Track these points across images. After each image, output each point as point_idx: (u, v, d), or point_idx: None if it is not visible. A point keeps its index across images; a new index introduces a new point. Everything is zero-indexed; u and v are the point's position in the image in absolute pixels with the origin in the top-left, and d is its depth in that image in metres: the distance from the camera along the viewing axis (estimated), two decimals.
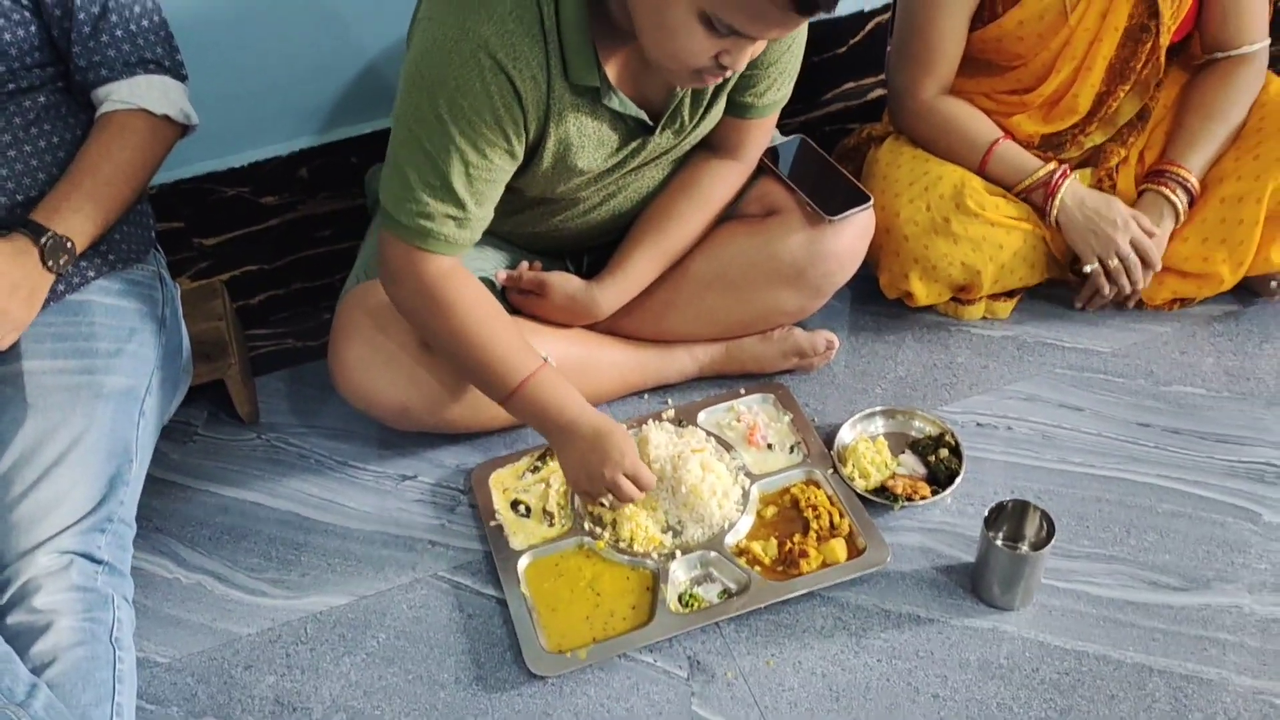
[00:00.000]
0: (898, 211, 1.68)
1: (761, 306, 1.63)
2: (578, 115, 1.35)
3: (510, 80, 1.25)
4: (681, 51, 1.20)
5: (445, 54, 1.23)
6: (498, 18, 1.22)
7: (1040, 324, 1.76)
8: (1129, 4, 1.65)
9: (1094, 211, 1.67)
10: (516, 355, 1.40)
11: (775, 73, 1.47)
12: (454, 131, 1.26)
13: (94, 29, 1.36)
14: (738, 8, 1.13)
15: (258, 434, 1.70)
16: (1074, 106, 1.72)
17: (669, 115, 1.42)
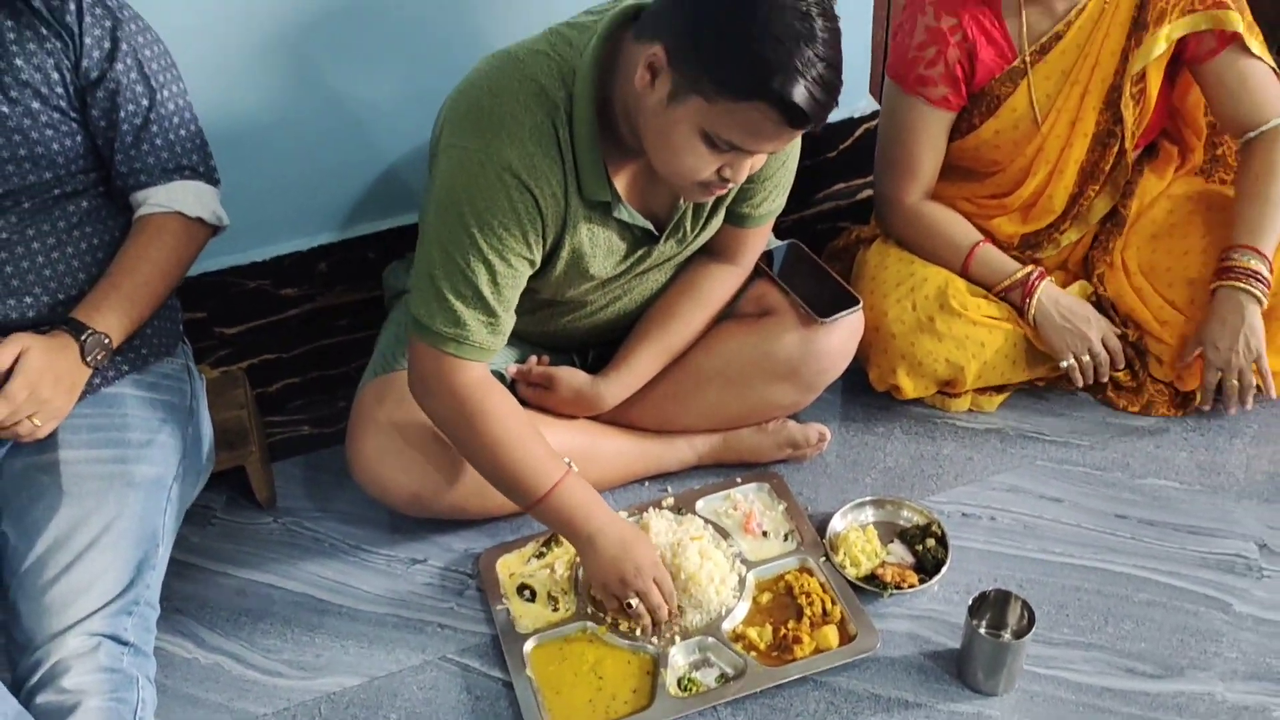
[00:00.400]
0: (885, 311, 1.78)
1: (757, 400, 1.72)
2: (590, 226, 1.45)
3: (533, 196, 1.36)
4: (686, 167, 1.30)
5: (473, 176, 1.34)
6: (518, 141, 1.33)
7: (1022, 418, 1.85)
8: (1095, 112, 1.77)
9: (1068, 310, 1.77)
10: (544, 463, 1.47)
11: (771, 186, 1.57)
12: (483, 245, 1.36)
13: (136, 139, 1.46)
14: (736, 126, 1.24)
15: (274, 518, 1.77)
16: (1050, 207, 1.84)
17: (673, 225, 1.53)
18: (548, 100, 1.34)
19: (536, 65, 1.36)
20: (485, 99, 1.36)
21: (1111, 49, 1.74)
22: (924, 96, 1.76)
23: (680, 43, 1.23)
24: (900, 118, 1.81)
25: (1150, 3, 1.70)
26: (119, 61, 1.43)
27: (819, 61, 1.20)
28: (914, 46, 1.75)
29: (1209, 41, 1.72)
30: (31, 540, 1.35)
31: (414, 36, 1.79)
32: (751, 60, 1.19)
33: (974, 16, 1.73)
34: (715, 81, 1.21)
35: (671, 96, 1.26)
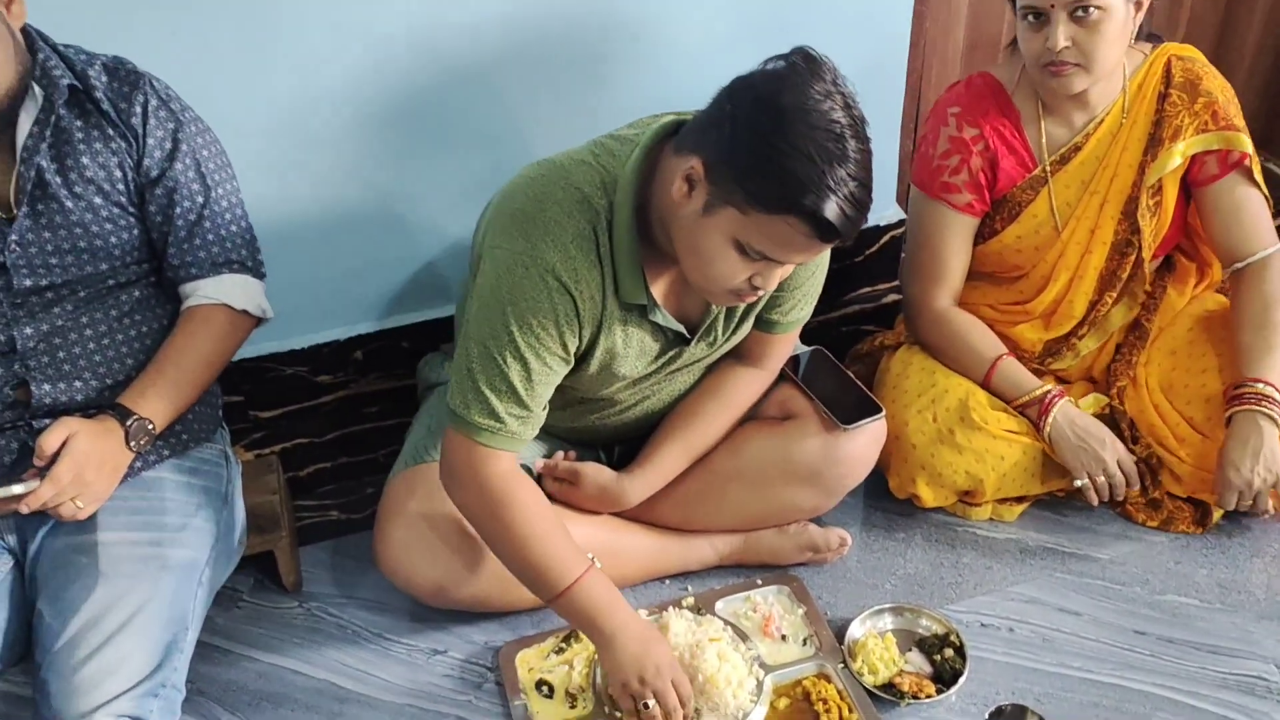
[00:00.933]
0: (906, 421, 1.81)
1: (779, 503, 1.74)
2: (625, 328, 1.50)
3: (573, 298, 1.41)
4: (718, 275, 1.35)
5: (517, 277, 1.40)
6: (561, 245, 1.39)
7: (1042, 528, 1.86)
8: (1114, 221, 1.82)
9: (1084, 431, 1.79)
10: (567, 557, 1.49)
11: (800, 295, 1.62)
12: (521, 342, 1.41)
13: (189, 233, 1.53)
14: (767, 237, 1.29)
15: (300, 603, 1.80)
16: (1070, 313, 1.88)
17: (705, 329, 1.57)
18: (590, 208, 1.40)
19: (580, 174, 1.42)
20: (530, 205, 1.42)
21: (1129, 161, 1.80)
22: (949, 202, 1.82)
23: (718, 157, 1.29)
24: (926, 223, 1.86)
25: (1166, 119, 1.76)
26: (178, 161, 1.50)
27: (850, 180, 1.25)
28: (938, 155, 1.82)
29: (1212, 166, 1.78)
30: (65, 619, 1.38)
31: (457, 139, 1.87)
32: (785, 176, 1.24)
33: (995, 127, 1.79)
34: (749, 194, 1.27)
35: (706, 207, 1.31)
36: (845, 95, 1.28)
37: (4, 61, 1.34)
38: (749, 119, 1.27)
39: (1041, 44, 1.66)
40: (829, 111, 1.25)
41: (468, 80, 1.83)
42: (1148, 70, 1.79)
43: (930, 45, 2.29)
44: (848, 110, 1.27)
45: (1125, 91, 1.79)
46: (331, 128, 1.79)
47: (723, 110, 1.30)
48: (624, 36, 1.87)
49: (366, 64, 1.75)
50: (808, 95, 1.25)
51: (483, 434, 1.45)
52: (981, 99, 1.81)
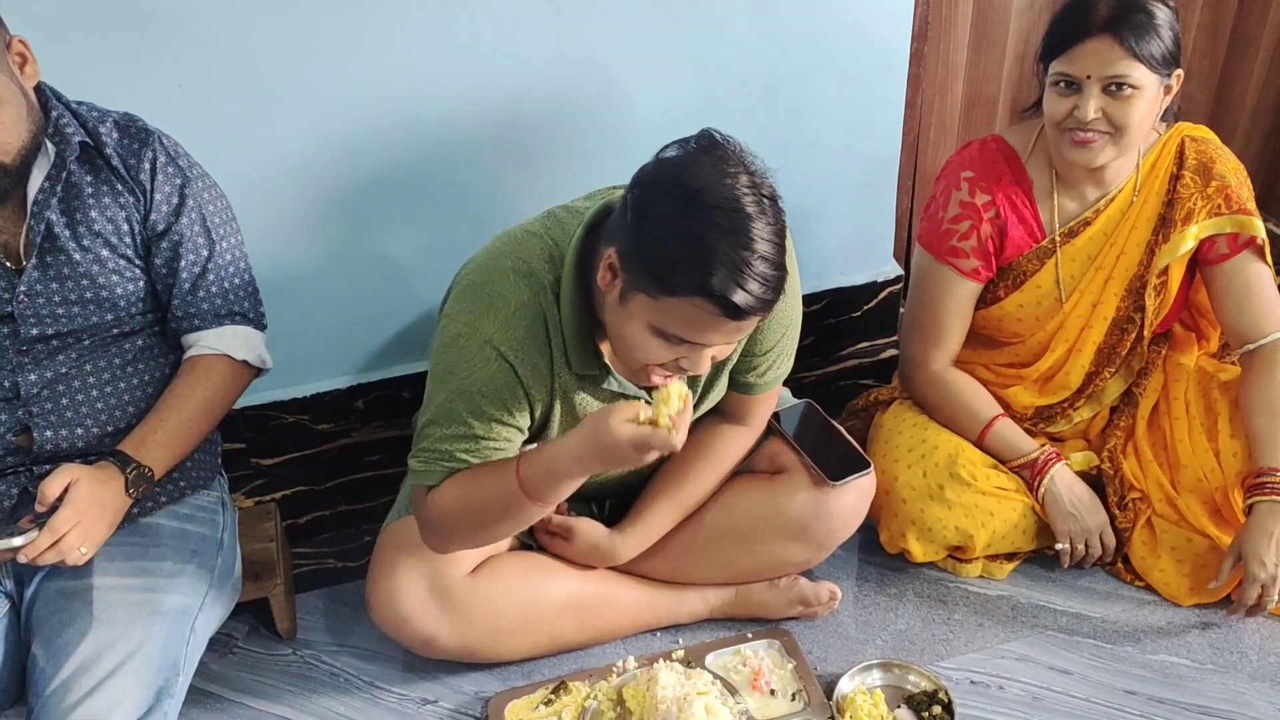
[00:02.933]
0: (896, 476, 1.82)
1: (769, 557, 1.75)
2: (581, 394, 1.51)
3: (513, 369, 1.43)
4: (643, 358, 1.35)
5: (459, 348, 1.43)
6: (502, 318, 1.42)
7: (1034, 585, 1.86)
8: (1118, 297, 1.83)
9: (1078, 500, 1.81)
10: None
11: (773, 357, 1.63)
12: (468, 415, 1.44)
13: (193, 286, 1.57)
14: (679, 320, 1.29)
15: (294, 650, 1.81)
16: (1066, 383, 1.89)
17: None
18: (536, 281, 1.43)
19: (529, 246, 1.45)
20: (480, 276, 1.46)
21: (1137, 240, 1.80)
22: (955, 267, 1.83)
23: (626, 245, 1.29)
24: (931, 285, 1.87)
25: (1179, 201, 1.77)
26: (184, 216, 1.54)
27: (756, 258, 1.23)
28: (948, 219, 1.82)
29: (1223, 246, 1.78)
30: (59, 663, 1.40)
31: (454, 192, 1.91)
32: (689, 260, 1.23)
33: (1007, 195, 1.80)
34: (655, 280, 1.26)
35: (622, 295, 1.32)
36: (751, 173, 1.27)
37: (18, 121, 1.39)
38: (651, 205, 1.27)
39: (1068, 109, 1.66)
40: (730, 189, 1.24)
41: (464, 139, 1.87)
42: (1161, 150, 1.80)
43: (927, 105, 2.33)
44: (754, 189, 1.26)
45: (1139, 170, 1.79)
46: (335, 181, 1.84)
47: (627, 198, 1.31)
48: (615, 101, 1.92)
49: (369, 120, 1.80)
50: (708, 175, 1.25)
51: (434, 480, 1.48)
52: (995, 165, 1.82)
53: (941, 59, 2.32)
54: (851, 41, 2.02)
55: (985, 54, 2.34)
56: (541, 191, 1.94)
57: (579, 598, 1.70)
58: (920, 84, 2.24)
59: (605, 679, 1.69)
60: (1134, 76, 1.63)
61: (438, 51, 1.77)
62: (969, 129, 2.42)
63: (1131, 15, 1.62)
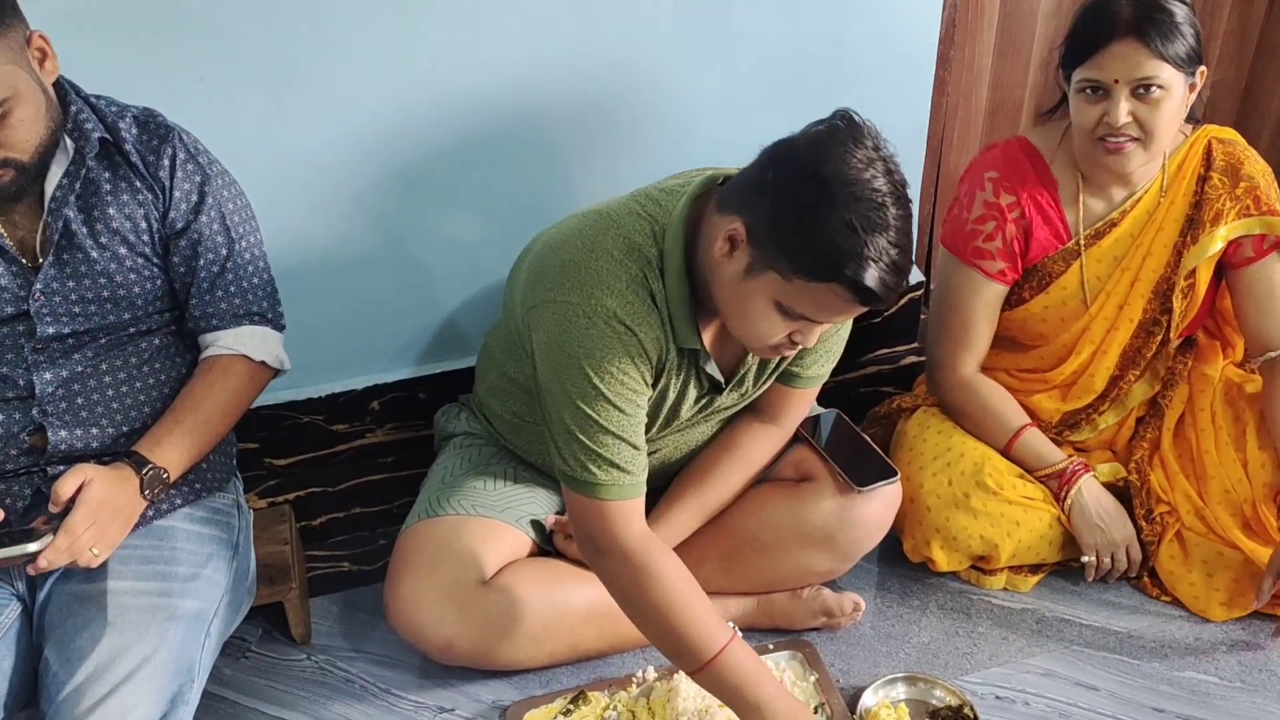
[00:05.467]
0: (921, 484, 1.79)
1: (792, 566, 1.73)
2: (678, 375, 1.51)
3: (639, 339, 1.41)
4: (760, 332, 1.37)
5: (582, 329, 1.39)
6: (618, 292, 1.39)
7: (1058, 599, 1.84)
8: (1144, 299, 1.81)
9: (1105, 512, 1.78)
10: (710, 627, 1.42)
11: (823, 350, 1.62)
12: (608, 392, 1.40)
13: (212, 285, 1.54)
14: (809, 302, 1.30)
15: (308, 655, 1.79)
16: (1090, 387, 1.86)
17: (738, 379, 1.57)
18: (641, 256, 1.41)
19: (629, 223, 1.43)
20: (581, 255, 1.42)
21: (1165, 241, 1.78)
22: (981, 269, 1.81)
23: (760, 224, 1.29)
24: (957, 288, 1.85)
25: (1207, 202, 1.75)
26: (204, 214, 1.51)
27: (891, 248, 1.26)
28: (972, 220, 1.80)
29: (1248, 249, 1.76)
30: (72, 668, 1.37)
31: (475, 192, 1.89)
32: (828, 248, 1.25)
33: (1032, 196, 1.78)
34: (792, 263, 1.28)
35: (749, 270, 1.32)
36: (886, 160, 1.28)
37: (36, 117, 1.37)
38: (791, 188, 1.27)
39: (1098, 117, 1.65)
40: (871, 180, 1.25)
41: (486, 138, 1.85)
42: (1188, 151, 1.78)
43: (951, 109, 2.30)
44: (889, 176, 1.27)
45: (1165, 171, 1.77)
46: (355, 180, 1.81)
47: (764, 176, 1.31)
48: (640, 102, 1.89)
49: (391, 117, 1.78)
50: (850, 163, 1.25)
51: (608, 490, 1.42)
52: (1019, 165, 1.80)
53: (967, 63, 2.29)
54: (878, 45, 2.00)
55: (1010, 59, 2.32)
56: (562, 191, 1.92)
57: (600, 605, 1.66)
58: (945, 88, 2.21)
59: (625, 689, 1.66)
60: (1161, 77, 1.60)
61: (463, 47, 1.75)
62: (993, 134, 2.39)
63: (1154, 15, 1.60)
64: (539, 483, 1.73)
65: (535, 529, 1.70)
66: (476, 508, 1.68)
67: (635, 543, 1.44)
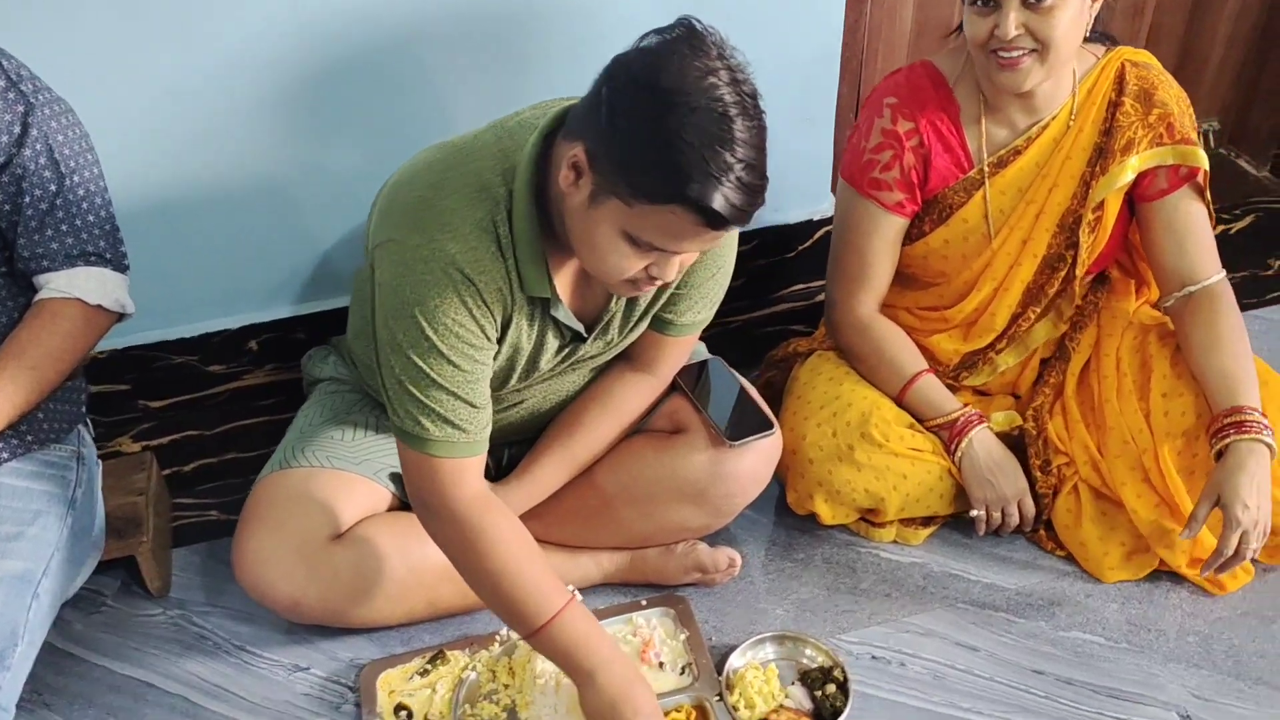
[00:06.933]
0: (804, 435, 1.71)
1: (665, 521, 1.65)
2: (530, 324, 1.41)
3: (478, 291, 1.31)
4: (611, 266, 1.26)
5: (419, 274, 1.29)
6: (461, 236, 1.29)
7: (949, 553, 1.76)
8: (1049, 234, 1.70)
9: (996, 464, 1.70)
10: (545, 591, 1.37)
11: (698, 295, 1.52)
12: (442, 345, 1.31)
13: (40, 223, 1.43)
14: (655, 228, 1.20)
15: (164, 609, 1.72)
16: (991, 325, 1.77)
17: (602, 327, 1.48)
18: (489, 196, 1.31)
19: (479, 160, 1.33)
20: (428, 192, 1.32)
21: (1072, 172, 1.67)
22: (878, 201, 1.71)
23: (597, 145, 1.19)
24: (854, 222, 1.75)
25: (1118, 129, 1.64)
26: (27, 148, 1.40)
27: (738, 164, 1.15)
28: (869, 149, 1.70)
29: (1162, 180, 1.65)
30: None
31: (351, 122, 1.77)
32: (666, 165, 1.14)
33: (931, 122, 1.67)
34: (631, 185, 1.17)
35: (592, 197, 1.22)
36: (732, 69, 1.17)
37: None
38: (626, 104, 1.17)
39: (989, 30, 1.52)
40: (711, 89, 1.14)
41: (363, 61, 1.73)
42: (1099, 74, 1.66)
43: (874, 30, 2.16)
44: (734, 86, 1.16)
45: (1075, 95, 1.66)
46: (219, 109, 1.69)
47: (599, 94, 1.20)
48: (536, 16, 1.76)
49: (255, 42, 1.65)
50: (688, 73, 1.14)
51: (440, 447, 1.34)
52: (920, 90, 1.68)
53: None
54: None
55: None
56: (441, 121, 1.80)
57: None
58: (863, 7, 2.08)
59: (486, 648, 1.60)
60: None
61: None
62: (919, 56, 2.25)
63: None
64: None
65: (396, 482, 1.62)
66: (332, 459, 1.59)
67: (467, 503, 1.36)
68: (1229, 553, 1.53)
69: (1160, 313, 1.77)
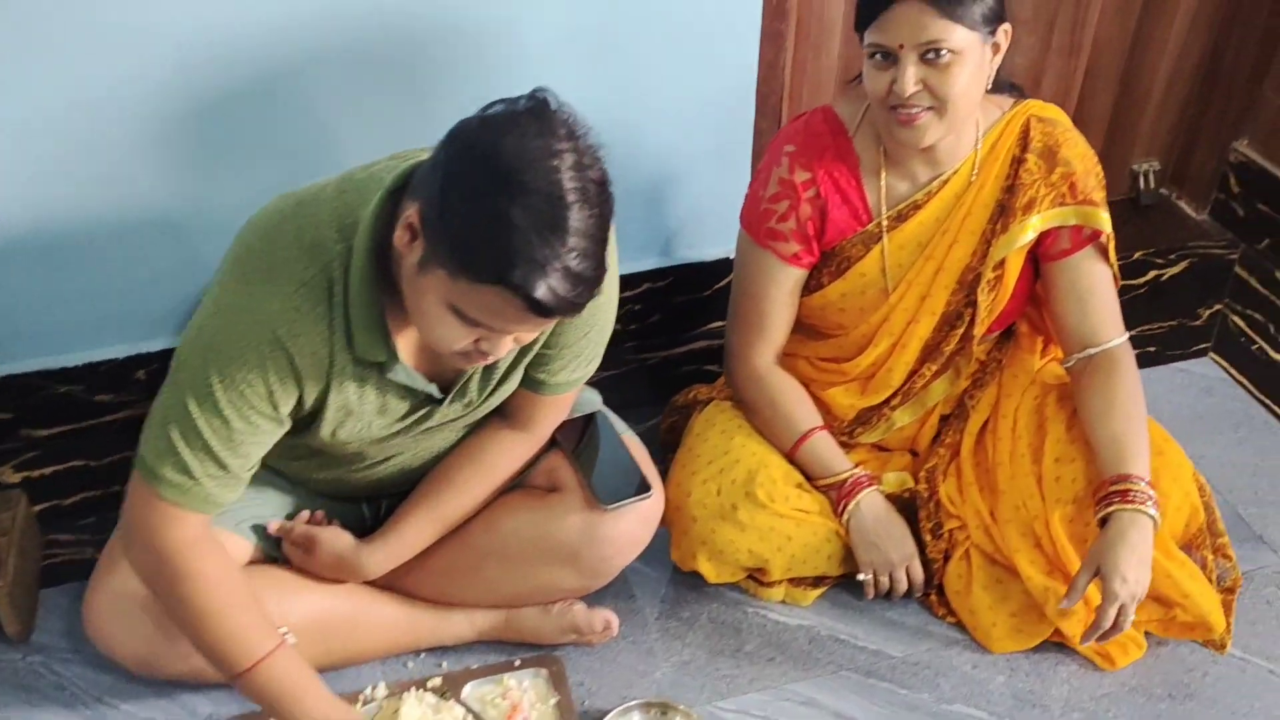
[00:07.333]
0: (689, 491, 1.66)
1: (539, 582, 1.60)
2: (361, 385, 1.35)
3: (289, 357, 1.26)
4: (439, 337, 1.22)
5: (228, 323, 1.25)
6: (284, 294, 1.24)
7: (839, 615, 1.71)
8: (947, 291, 1.65)
9: (884, 529, 1.65)
10: (250, 636, 1.33)
11: (570, 355, 1.46)
12: (222, 398, 1.26)
13: None
14: (479, 306, 1.15)
15: (23, 654, 1.66)
16: (887, 381, 1.72)
17: (458, 389, 1.42)
18: (324, 252, 1.26)
19: (318, 213, 1.28)
20: (260, 243, 1.28)
21: (972, 228, 1.62)
22: (775, 252, 1.65)
23: (429, 211, 1.14)
24: (752, 272, 1.70)
25: (1020, 187, 1.58)
26: None
27: (568, 253, 1.10)
28: (766, 198, 1.65)
29: (1065, 240, 1.61)
30: None
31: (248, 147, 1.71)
32: (492, 246, 1.09)
33: (829, 173, 1.62)
34: (455, 259, 1.12)
35: (421, 264, 1.17)
36: (580, 151, 1.12)
37: None
38: (459, 175, 1.12)
39: (888, 85, 1.47)
40: (551, 172, 1.09)
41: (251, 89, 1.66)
42: (1004, 128, 1.60)
43: (797, 66, 2.10)
44: (578, 170, 1.11)
45: (978, 149, 1.60)
46: (108, 132, 1.63)
47: (438, 156, 1.15)
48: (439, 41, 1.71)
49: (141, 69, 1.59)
50: (528, 152, 1.09)
51: (170, 490, 1.30)
52: (819, 139, 1.63)
53: (815, 14, 2.08)
54: None
55: None
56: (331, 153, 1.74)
57: (324, 618, 1.55)
58: (782, 42, 2.01)
59: None
60: (952, 40, 1.42)
61: None
62: None
63: None
64: (270, 482, 1.59)
65: (258, 534, 1.56)
66: None
67: (176, 545, 1.32)
68: (1106, 625, 1.48)
69: (1065, 370, 1.71)
